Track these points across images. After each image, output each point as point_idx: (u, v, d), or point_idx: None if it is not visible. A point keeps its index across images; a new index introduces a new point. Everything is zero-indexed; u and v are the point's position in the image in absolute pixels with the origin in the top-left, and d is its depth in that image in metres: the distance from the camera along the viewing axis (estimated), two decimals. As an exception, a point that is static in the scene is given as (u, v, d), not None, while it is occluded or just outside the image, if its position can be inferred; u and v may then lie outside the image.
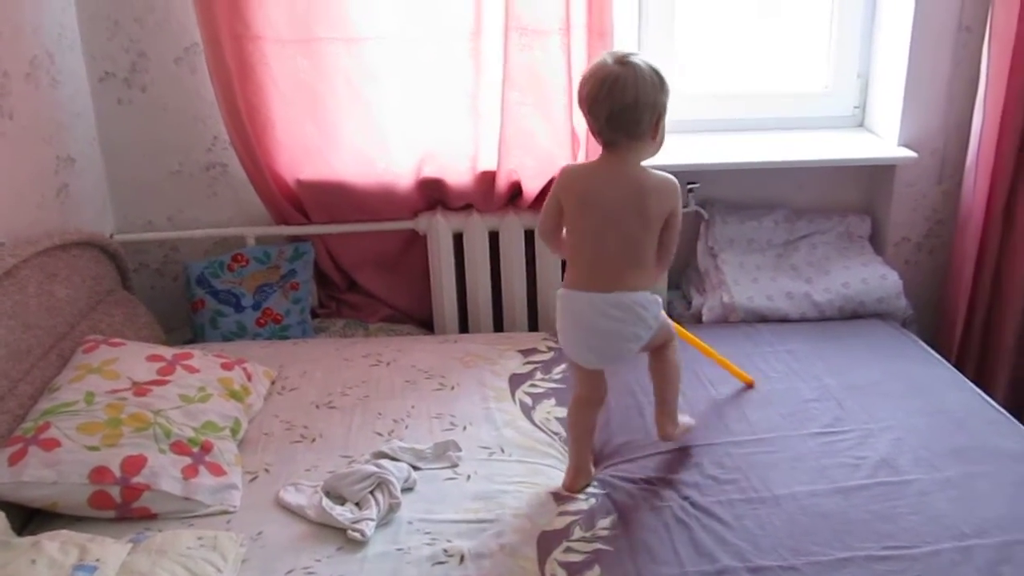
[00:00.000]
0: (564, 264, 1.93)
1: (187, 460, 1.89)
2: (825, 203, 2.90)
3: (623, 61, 1.74)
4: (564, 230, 1.90)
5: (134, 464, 1.83)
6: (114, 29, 2.62)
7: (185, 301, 2.74)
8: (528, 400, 2.28)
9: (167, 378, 2.09)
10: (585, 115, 1.79)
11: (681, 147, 2.76)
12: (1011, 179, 2.62)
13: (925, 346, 2.55)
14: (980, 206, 2.63)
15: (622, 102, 1.73)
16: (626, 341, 1.86)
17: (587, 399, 1.97)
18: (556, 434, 2.15)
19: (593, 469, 2.00)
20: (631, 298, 1.82)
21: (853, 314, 2.69)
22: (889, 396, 2.25)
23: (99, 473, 1.80)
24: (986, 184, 2.61)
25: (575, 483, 1.94)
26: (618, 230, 1.81)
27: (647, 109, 1.75)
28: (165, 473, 1.84)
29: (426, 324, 2.87)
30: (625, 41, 2.75)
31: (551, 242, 1.95)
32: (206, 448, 1.94)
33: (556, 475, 1.98)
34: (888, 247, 2.87)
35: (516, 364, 2.44)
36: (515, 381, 2.36)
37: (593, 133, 1.81)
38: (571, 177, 1.86)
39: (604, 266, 1.83)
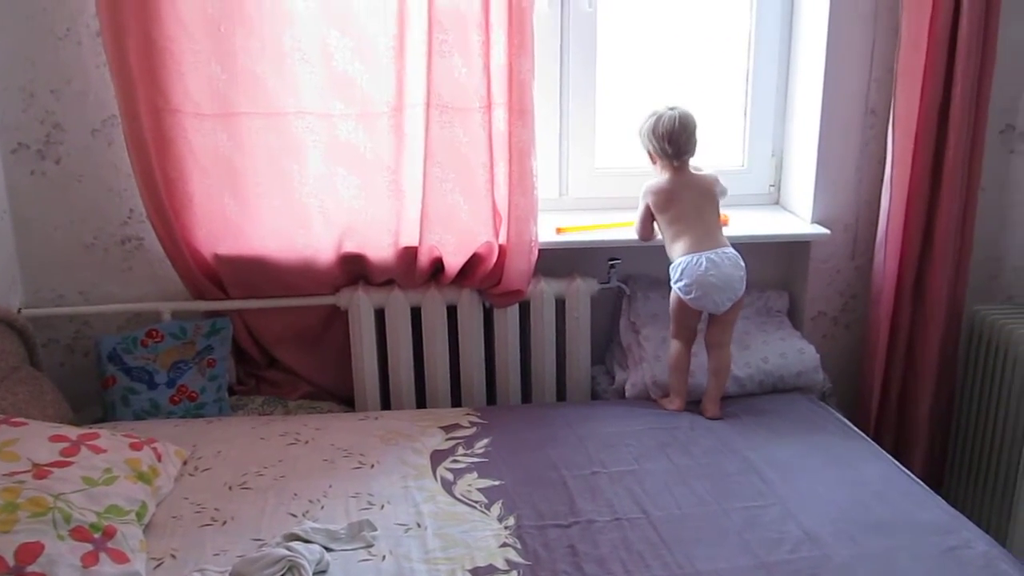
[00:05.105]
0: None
1: (88, 547, 1.79)
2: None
3: (672, 107, 2.51)
4: (658, 223, 2.59)
5: (29, 552, 1.72)
6: (29, 100, 2.57)
7: (96, 378, 2.65)
8: (449, 476, 2.23)
9: (70, 459, 1.99)
10: (661, 145, 2.50)
11: (603, 223, 2.79)
12: (919, 255, 2.71)
13: (844, 419, 2.58)
14: (891, 281, 2.71)
15: (688, 130, 2.50)
16: (736, 281, 2.50)
17: (685, 340, 2.57)
18: (477, 503, 2.12)
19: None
20: (731, 250, 2.52)
21: (773, 388, 2.72)
22: (809, 469, 2.27)
23: (-10, 562, 1.70)
24: (896, 260, 2.69)
25: (681, 405, 2.58)
26: (702, 210, 2.53)
27: (696, 129, 2.53)
28: (63, 561, 1.73)
29: (347, 401, 2.81)
30: (547, 119, 2.80)
31: (644, 237, 2.67)
32: (108, 534, 1.84)
33: (475, 543, 1.96)
34: (805, 322, 2.93)
35: (438, 440, 2.40)
36: (436, 458, 2.32)
37: (665, 157, 2.52)
38: (657, 189, 2.56)
39: (706, 233, 2.51)
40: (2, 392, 2.30)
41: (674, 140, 2.48)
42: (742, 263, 2.53)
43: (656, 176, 2.59)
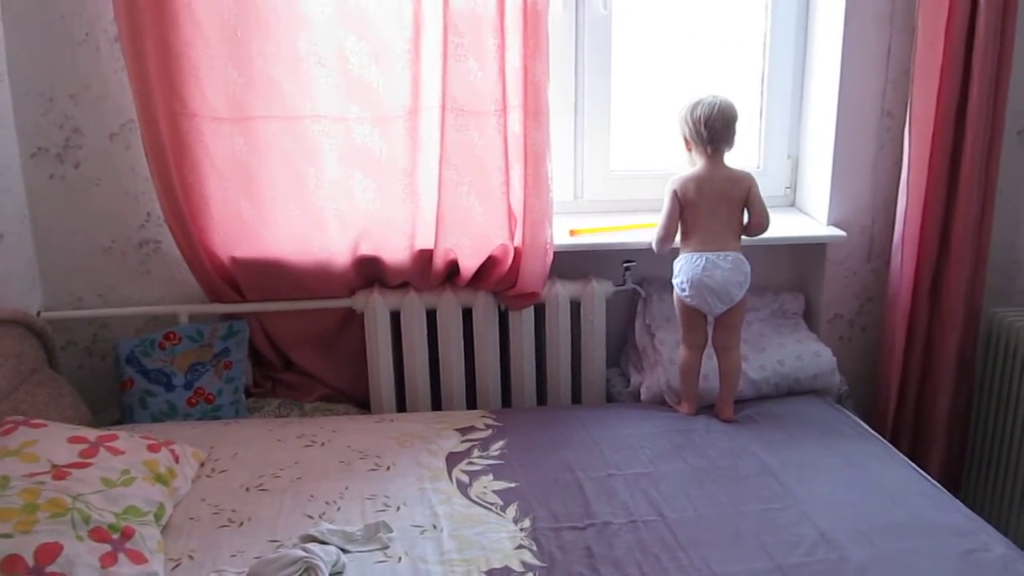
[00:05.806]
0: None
1: (106, 547, 1.81)
2: (759, 281, 2.92)
3: (715, 95, 2.48)
4: (680, 217, 2.54)
5: (49, 552, 1.74)
6: (48, 105, 2.60)
7: (114, 380, 2.67)
8: (465, 478, 2.24)
9: (89, 461, 2.01)
10: (698, 128, 2.47)
11: (618, 225, 2.79)
12: (936, 257, 2.70)
13: (860, 422, 2.57)
14: (908, 283, 2.69)
15: (727, 118, 2.47)
16: (733, 286, 2.47)
17: (693, 345, 2.57)
18: (492, 505, 2.12)
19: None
20: (735, 255, 2.49)
21: (789, 391, 2.71)
22: (826, 472, 2.26)
23: (11, 562, 1.70)
24: (912, 262, 2.68)
25: (692, 409, 2.58)
26: (721, 209, 2.50)
27: (736, 123, 2.50)
28: (81, 561, 1.75)
29: (363, 403, 2.82)
30: (562, 122, 2.81)
31: (666, 244, 2.57)
32: (127, 534, 1.86)
33: (491, 545, 1.96)
34: (822, 324, 2.92)
35: (453, 443, 2.40)
36: (452, 460, 2.32)
37: (700, 142, 2.48)
38: (686, 181, 2.52)
39: (715, 234, 2.49)
40: (22, 394, 2.32)
41: (711, 125, 2.46)
42: (746, 269, 2.51)
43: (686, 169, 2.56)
